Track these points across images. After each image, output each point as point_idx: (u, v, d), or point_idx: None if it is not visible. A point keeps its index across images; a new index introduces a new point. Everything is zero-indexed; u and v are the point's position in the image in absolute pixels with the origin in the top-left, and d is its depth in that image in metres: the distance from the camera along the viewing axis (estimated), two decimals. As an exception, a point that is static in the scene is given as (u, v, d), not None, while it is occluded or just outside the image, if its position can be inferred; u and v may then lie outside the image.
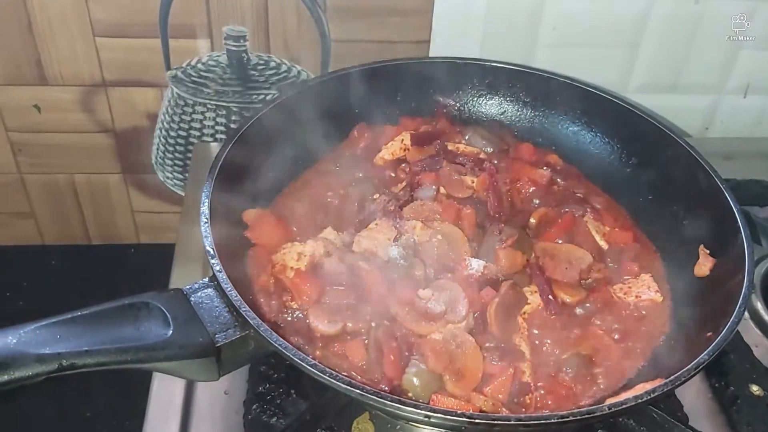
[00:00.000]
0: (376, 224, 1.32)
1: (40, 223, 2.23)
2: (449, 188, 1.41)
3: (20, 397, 1.84)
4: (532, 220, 1.39)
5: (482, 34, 1.83)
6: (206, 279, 1.11)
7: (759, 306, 1.47)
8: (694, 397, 1.32)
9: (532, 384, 1.16)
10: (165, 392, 1.29)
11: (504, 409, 1.11)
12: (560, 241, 1.37)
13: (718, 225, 1.30)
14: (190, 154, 2.04)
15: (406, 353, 1.14)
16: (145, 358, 0.99)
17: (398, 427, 1.20)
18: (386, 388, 1.08)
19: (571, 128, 1.61)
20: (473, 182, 1.42)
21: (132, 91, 1.94)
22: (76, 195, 2.16)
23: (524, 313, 1.24)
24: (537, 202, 1.45)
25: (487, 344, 1.18)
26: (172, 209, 2.19)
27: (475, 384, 1.12)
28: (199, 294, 1.09)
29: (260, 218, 1.32)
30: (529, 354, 1.20)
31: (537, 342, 1.22)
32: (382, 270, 1.24)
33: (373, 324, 1.18)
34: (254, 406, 1.22)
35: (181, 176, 2.11)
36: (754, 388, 1.31)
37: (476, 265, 1.24)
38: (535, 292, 1.27)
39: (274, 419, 1.21)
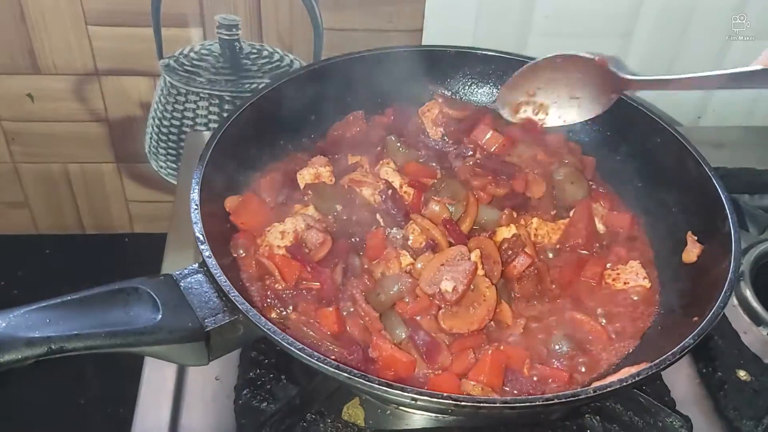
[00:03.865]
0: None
1: (34, 212, 2.23)
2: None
3: (9, 380, 1.86)
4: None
5: (475, 23, 1.83)
6: (196, 265, 1.12)
7: (748, 293, 1.48)
8: (682, 382, 1.34)
9: (524, 370, 1.17)
10: (156, 378, 1.30)
11: (493, 394, 1.12)
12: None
13: (706, 212, 1.31)
14: (183, 143, 2.04)
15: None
16: (134, 342, 0.99)
17: (388, 412, 1.21)
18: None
19: (562, 116, 1.62)
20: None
21: (125, 80, 1.94)
22: (69, 184, 2.17)
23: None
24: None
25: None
26: (165, 198, 2.20)
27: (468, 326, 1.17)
28: (189, 279, 1.10)
29: (243, 203, 1.34)
30: (520, 337, 1.22)
31: (526, 325, 1.24)
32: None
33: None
34: (245, 392, 1.23)
35: (174, 165, 2.11)
36: (742, 374, 1.32)
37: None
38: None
39: (265, 404, 1.22)
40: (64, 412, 1.99)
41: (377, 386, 0.96)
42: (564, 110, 1.47)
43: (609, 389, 0.99)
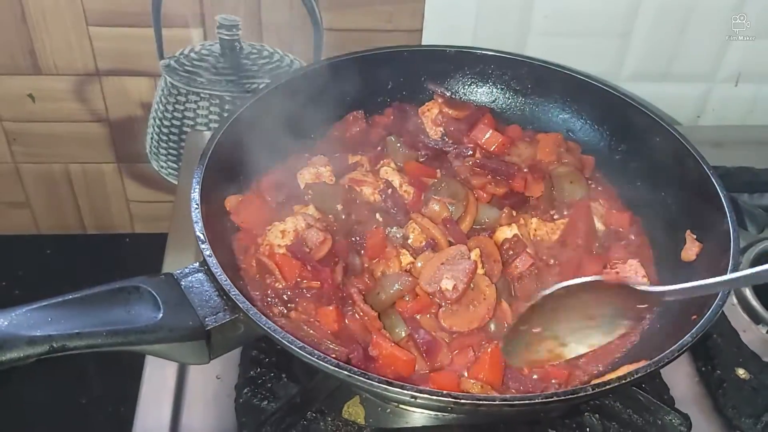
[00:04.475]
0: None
1: (35, 212, 2.24)
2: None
3: (11, 379, 1.86)
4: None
5: (474, 23, 1.84)
6: (196, 264, 1.13)
7: (747, 292, 1.48)
8: (681, 380, 1.34)
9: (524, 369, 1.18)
10: (157, 377, 1.30)
11: (492, 392, 1.12)
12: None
13: (705, 210, 1.31)
14: (184, 143, 2.05)
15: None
16: (135, 340, 1.00)
17: (388, 410, 1.21)
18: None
19: (561, 116, 1.62)
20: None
21: (125, 81, 1.95)
22: (71, 184, 2.17)
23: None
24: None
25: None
26: (166, 198, 2.20)
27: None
28: (190, 278, 1.10)
29: (243, 202, 1.34)
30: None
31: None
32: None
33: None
34: (245, 390, 1.24)
35: (175, 165, 2.12)
36: (740, 372, 1.32)
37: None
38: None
39: (265, 403, 1.22)
40: (65, 410, 1.99)
41: (377, 384, 0.96)
42: (584, 335, 1.10)
43: (608, 387, 0.99)
